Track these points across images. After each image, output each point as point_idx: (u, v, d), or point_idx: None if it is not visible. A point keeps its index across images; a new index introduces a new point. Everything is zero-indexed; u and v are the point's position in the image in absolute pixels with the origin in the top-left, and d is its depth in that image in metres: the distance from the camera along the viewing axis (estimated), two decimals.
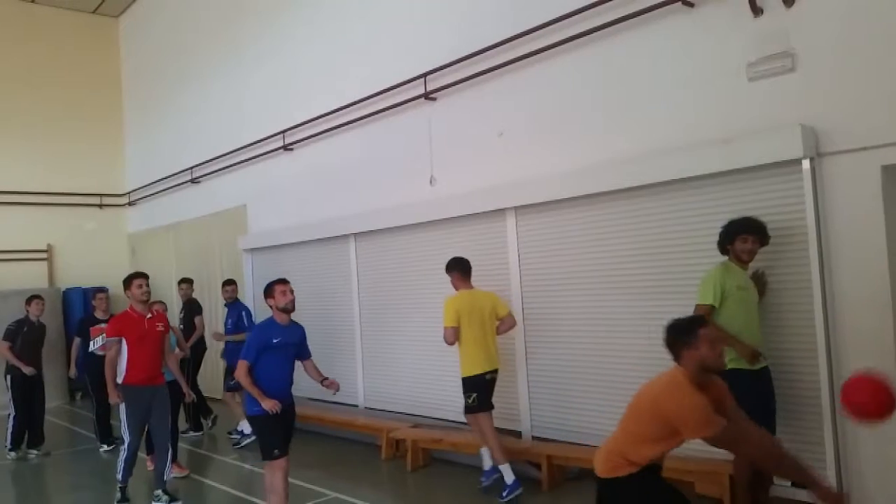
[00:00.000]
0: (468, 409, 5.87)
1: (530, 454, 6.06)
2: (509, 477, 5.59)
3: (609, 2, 5.65)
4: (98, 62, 14.61)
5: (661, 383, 3.20)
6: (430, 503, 5.93)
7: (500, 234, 6.71)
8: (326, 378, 5.31)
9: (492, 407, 5.86)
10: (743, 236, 4.61)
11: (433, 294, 6.97)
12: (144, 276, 6.19)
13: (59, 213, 13.59)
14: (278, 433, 4.95)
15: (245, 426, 8.42)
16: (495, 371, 5.92)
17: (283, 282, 5.18)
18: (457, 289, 5.99)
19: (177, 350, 7.24)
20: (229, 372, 8.52)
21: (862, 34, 4.45)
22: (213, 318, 10.49)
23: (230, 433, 8.49)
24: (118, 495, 6.05)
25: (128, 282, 6.12)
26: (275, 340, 4.98)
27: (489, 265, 6.81)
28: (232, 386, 8.47)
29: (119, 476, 6.05)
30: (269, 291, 5.15)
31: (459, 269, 6.01)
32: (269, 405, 4.80)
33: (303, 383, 9.44)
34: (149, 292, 6.14)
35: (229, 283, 8.90)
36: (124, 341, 5.94)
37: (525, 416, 6.54)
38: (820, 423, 4.62)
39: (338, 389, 5.35)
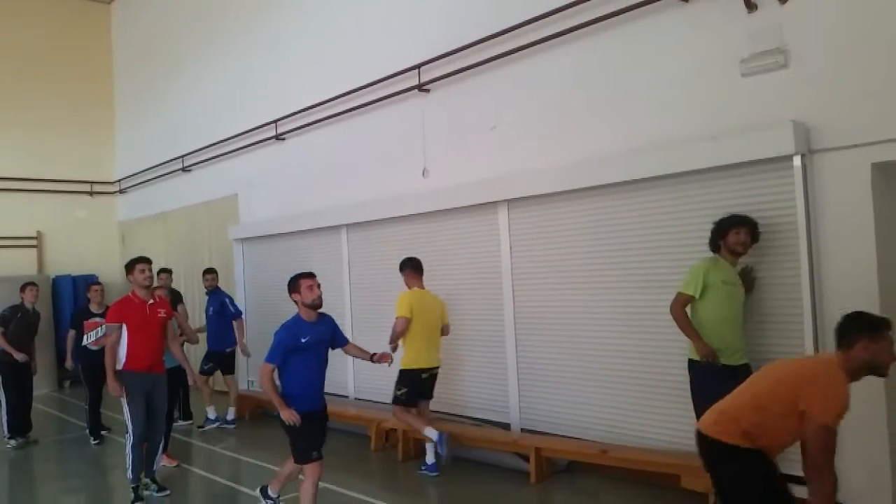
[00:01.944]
0: (396, 401, 6.21)
1: (519, 446, 6.08)
2: (434, 434, 5.98)
3: None
4: (90, 49, 14.50)
5: (813, 362, 3.35)
6: (420, 494, 5.94)
7: (492, 226, 6.71)
8: (374, 353, 5.06)
9: (430, 397, 6.36)
10: (736, 229, 4.66)
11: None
12: (147, 260, 6.01)
13: (49, 200, 13.51)
14: (312, 434, 4.61)
15: (211, 412, 8.44)
16: (435, 368, 6.31)
17: (310, 275, 4.76)
18: (409, 286, 6.35)
19: (178, 331, 7.19)
20: (209, 357, 8.52)
21: (854, 32, 4.47)
22: (200, 307, 10.44)
23: (215, 419, 8.49)
24: (132, 496, 5.76)
25: (130, 266, 5.96)
26: (303, 340, 4.57)
27: (481, 258, 6.83)
28: (206, 370, 8.48)
29: (130, 474, 5.78)
30: (294, 286, 4.71)
31: (411, 267, 6.40)
32: (287, 416, 4.45)
33: None
34: (151, 277, 5.99)
35: (209, 271, 8.95)
36: (125, 327, 5.76)
37: (514, 408, 6.56)
38: None
39: (391, 360, 5.12)
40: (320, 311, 4.77)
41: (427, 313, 6.20)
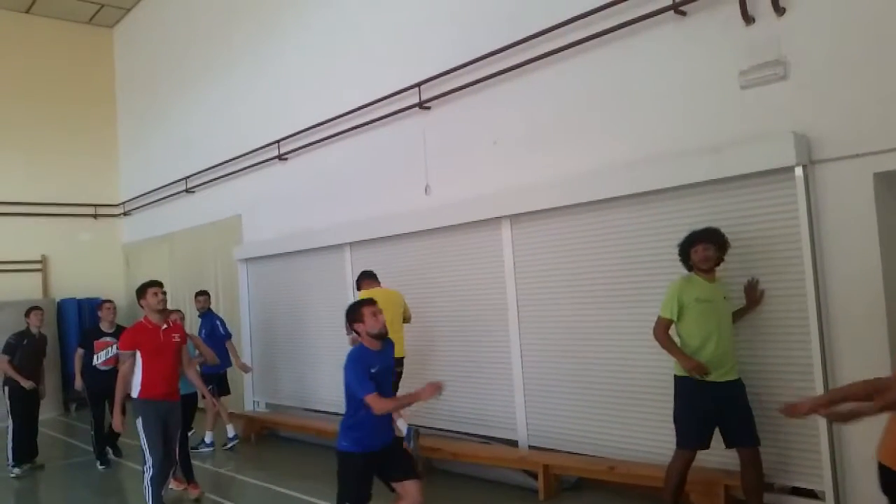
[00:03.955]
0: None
1: (527, 463, 6.04)
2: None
3: (602, 11, 5.68)
4: (93, 72, 14.60)
5: None
6: None
7: (496, 242, 6.71)
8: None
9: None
10: (695, 247, 4.62)
11: (427, 303, 6.97)
12: (160, 284, 5.82)
13: (53, 223, 13.55)
14: (366, 482, 4.20)
15: (209, 436, 8.39)
16: (400, 360, 6.41)
17: (372, 302, 4.35)
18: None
19: (196, 353, 7.16)
20: (205, 380, 8.44)
21: (853, 42, 4.47)
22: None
23: (224, 444, 8.45)
24: None
25: (142, 291, 5.74)
26: (373, 370, 4.19)
27: (485, 274, 6.81)
28: (211, 392, 8.42)
29: None
30: (356, 315, 4.29)
31: (366, 277, 6.84)
32: (428, 392, 4.11)
33: (284, 389, 9.46)
34: (165, 301, 5.80)
35: (201, 293, 8.97)
36: (139, 354, 5.57)
37: (521, 425, 6.51)
38: (816, 431, 4.61)
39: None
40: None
41: (390, 307, 6.28)
